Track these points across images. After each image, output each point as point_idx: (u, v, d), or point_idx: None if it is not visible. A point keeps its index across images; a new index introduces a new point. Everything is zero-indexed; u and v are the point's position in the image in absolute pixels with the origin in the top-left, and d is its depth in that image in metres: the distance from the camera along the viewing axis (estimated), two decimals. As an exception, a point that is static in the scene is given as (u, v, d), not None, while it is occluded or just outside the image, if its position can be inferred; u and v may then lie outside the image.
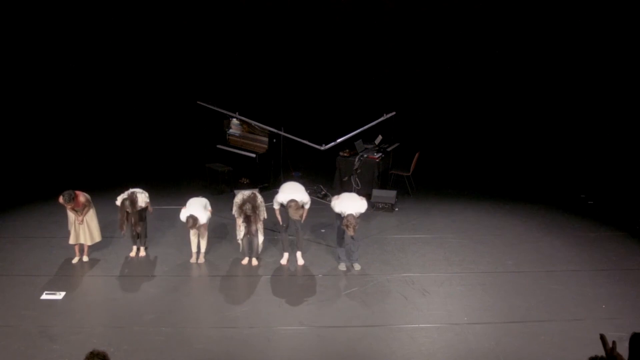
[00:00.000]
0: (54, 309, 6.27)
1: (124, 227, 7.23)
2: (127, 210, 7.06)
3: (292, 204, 6.93)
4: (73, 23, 11.11)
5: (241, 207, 7.04)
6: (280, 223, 7.40)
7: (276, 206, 7.27)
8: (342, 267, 7.35)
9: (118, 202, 7.16)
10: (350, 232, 6.80)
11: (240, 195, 7.19)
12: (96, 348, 3.46)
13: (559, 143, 11.35)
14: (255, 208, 7.04)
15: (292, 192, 7.11)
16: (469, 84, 12.04)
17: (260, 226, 7.21)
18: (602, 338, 2.53)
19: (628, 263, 7.48)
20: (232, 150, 10.14)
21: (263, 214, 7.22)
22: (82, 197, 7.01)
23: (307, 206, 7.21)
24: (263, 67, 12.00)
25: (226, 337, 5.87)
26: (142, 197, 7.25)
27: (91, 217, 7.17)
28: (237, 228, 7.27)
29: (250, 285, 6.97)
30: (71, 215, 7.08)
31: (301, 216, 7.10)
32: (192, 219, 6.89)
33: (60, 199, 6.86)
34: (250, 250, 7.35)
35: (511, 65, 11.69)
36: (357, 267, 7.38)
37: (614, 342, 2.41)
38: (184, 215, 7.06)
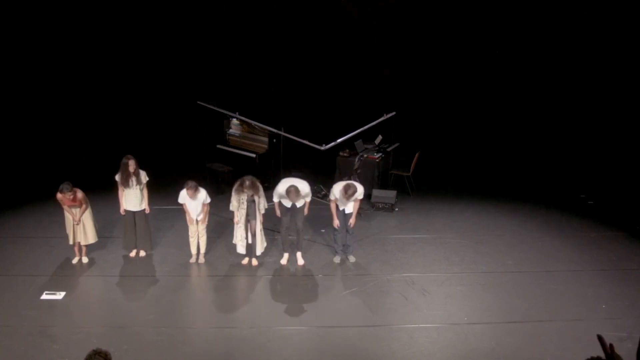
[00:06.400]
0: (54, 309, 6.27)
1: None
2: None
3: (292, 189, 6.85)
4: (73, 23, 11.11)
5: (241, 184, 6.90)
6: (279, 215, 7.31)
7: (276, 199, 7.21)
8: (337, 259, 7.44)
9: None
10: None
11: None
12: (99, 347, 3.42)
13: (559, 143, 11.35)
14: (255, 186, 6.91)
15: (293, 181, 7.05)
16: (469, 84, 12.04)
17: (260, 225, 7.18)
18: (600, 339, 2.53)
19: (628, 263, 7.49)
20: (232, 150, 10.13)
21: (263, 204, 7.13)
22: (80, 193, 6.99)
23: (308, 199, 7.20)
24: (263, 67, 12.00)
25: (226, 337, 5.87)
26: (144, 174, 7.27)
27: (87, 217, 7.12)
28: (235, 232, 7.22)
29: (250, 285, 6.98)
30: (69, 216, 7.04)
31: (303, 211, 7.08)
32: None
33: (58, 194, 6.80)
34: (250, 250, 7.33)
35: (511, 65, 11.69)
36: (352, 259, 7.49)
37: (611, 345, 2.41)
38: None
